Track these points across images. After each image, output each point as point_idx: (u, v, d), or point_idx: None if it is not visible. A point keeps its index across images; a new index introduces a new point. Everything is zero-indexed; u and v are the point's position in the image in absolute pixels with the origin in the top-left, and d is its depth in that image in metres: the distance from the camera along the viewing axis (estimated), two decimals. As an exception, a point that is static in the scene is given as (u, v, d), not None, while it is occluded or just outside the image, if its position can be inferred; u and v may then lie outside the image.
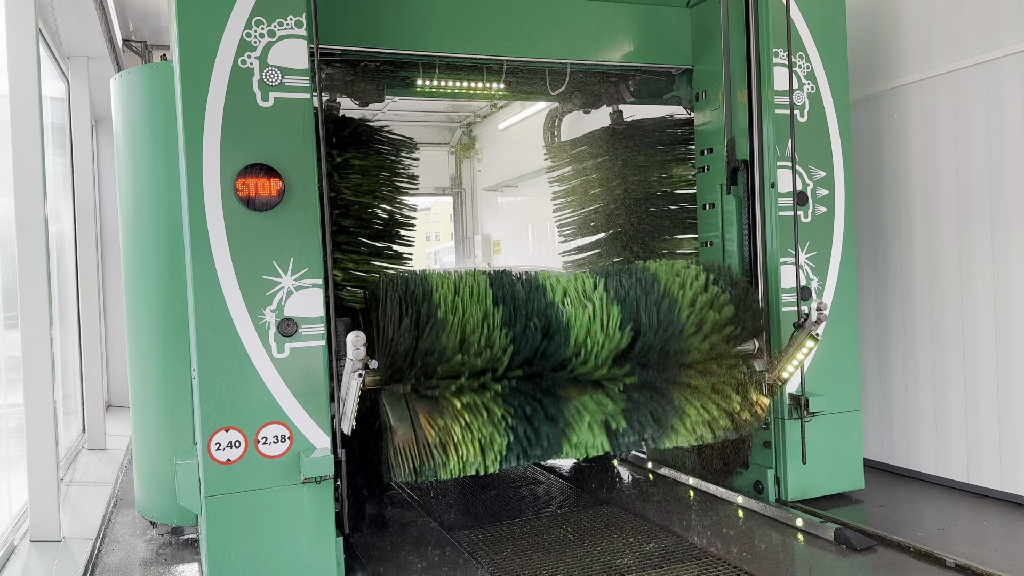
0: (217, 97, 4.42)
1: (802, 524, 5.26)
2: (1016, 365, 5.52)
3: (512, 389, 4.86)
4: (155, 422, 5.23)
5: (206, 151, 4.41)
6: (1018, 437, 5.51)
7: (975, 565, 4.49)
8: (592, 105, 7.38)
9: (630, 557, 4.92)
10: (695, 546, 5.06)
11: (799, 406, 5.58)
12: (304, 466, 4.40)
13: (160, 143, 5.08)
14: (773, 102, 5.67)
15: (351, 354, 4.15)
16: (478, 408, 4.75)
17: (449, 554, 5.11)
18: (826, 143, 5.85)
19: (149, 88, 5.18)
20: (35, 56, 5.24)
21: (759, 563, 4.73)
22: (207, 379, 4.37)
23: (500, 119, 13.96)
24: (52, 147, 7.68)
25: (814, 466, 5.69)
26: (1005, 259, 5.55)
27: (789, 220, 5.68)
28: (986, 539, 4.95)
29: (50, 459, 5.21)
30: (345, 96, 6.21)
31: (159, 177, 5.10)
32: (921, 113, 6.13)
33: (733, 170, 5.96)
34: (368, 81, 6.15)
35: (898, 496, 5.87)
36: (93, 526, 5.74)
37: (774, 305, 5.73)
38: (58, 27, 7.62)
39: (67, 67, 8.46)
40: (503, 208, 15.15)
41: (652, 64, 6.39)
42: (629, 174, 7.19)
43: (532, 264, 11.59)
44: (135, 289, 5.33)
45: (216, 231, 4.40)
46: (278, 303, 4.49)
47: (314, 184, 4.56)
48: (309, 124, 4.55)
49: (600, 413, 5.04)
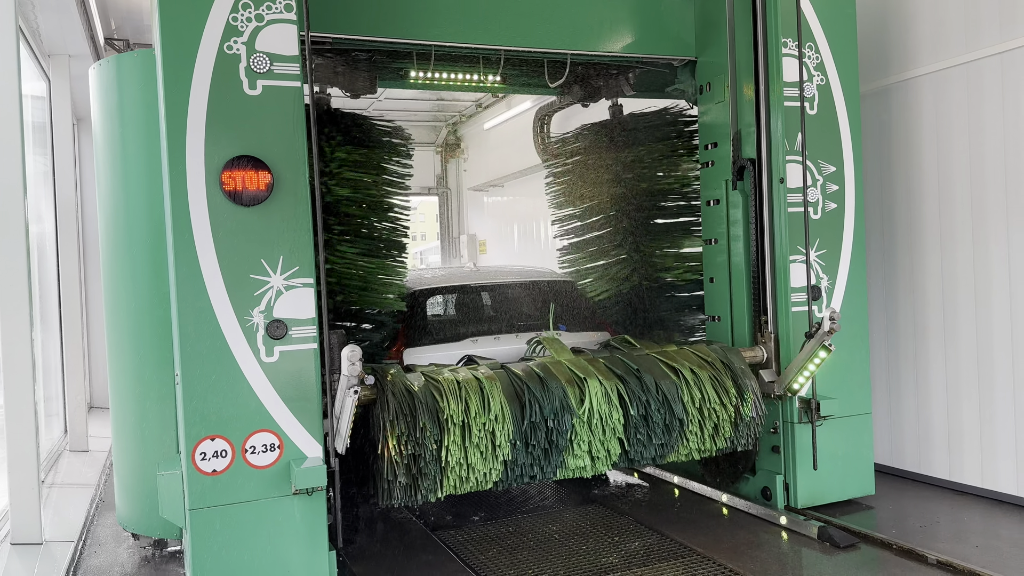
0: (201, 85, 4.16)
1: (786, 522, 5.28)
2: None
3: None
4: (136, 429, 4.96)
5: (190, 142, 4.15)
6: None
7: (956, 561, 4.48)
8: (591, 98, 7.15)
9: (615, 556, 4.92)
10: (680, 543, 5.05)
11: (809, 410, 5.38)
12: (295, 477, 4.15)
13: (142, 135, 4.80)
14: (782, 94, 5.46)
15: (346, 370, 3.90)
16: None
17: (434, 554, 5.03)
18: (836, 137, 5.64)
19: (130, 77, 4.91)
20: (15, 54, 5.15)
21: (741, 559, 4.73)
22: (191, 385, 4.11)
23: (486, 119, 13.88)
24: (33, 146, 7.60)
25: (824, 472, 5.49)
26: (1022, 258, 5.36)
27: (798, 216, 5.47)
28: (999, 542, 4.76)
29: (31, 461, 5.14)
30: (335, 87, 5.95)
31: (140, 171, 4.83)
32: (934, 106, 5.93)
33: (740, 166, 5.74)
34: (360, 71, 5.90)
35: (908, 501, 5.68)
36: (75, 528, 5.62)
37: (782, 305, 5.52)
38: (39, 25, 7.49)
39: (48, 65, 8.34)
40: (489, 208, 15.11)
41: (654, 55, 6.17)
42: (628, 169, 6.96)
43: (518, 264, 11.51)
44: (115, 289, 5.05)
45: (200, 227, 4.14)
46: (267, 304, 4.24)
47: (304, 177, 4.31)
48: (300, 114, 4.30)
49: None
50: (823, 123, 5.60)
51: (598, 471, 4.94)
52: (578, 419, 4.77)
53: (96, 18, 8.07)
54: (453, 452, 4.48)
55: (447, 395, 4.58)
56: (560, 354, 5.23)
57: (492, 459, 4.58)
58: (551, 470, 4.78)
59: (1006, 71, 5.42)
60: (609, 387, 4.92)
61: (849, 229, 5.67)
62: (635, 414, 4.91)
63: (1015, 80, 5.37)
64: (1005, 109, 5.44)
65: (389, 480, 4.40)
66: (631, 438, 4.92)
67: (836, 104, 5.65)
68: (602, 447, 4.85)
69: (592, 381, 4.89)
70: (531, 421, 4.68)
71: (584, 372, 4.96)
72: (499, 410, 4.62)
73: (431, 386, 4.66)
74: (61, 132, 8.52)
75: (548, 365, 5.04)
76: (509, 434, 4.61)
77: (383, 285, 5.74)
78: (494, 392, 4.68)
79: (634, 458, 4.98)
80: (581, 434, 4.78)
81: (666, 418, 4.98)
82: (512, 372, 4.94)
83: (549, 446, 4.73)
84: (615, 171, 7.02)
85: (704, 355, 5.36)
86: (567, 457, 4.80)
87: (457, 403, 4.56)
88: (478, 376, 4.80)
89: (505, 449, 4.60)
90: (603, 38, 5.91)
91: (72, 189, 8.66)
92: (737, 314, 5.88)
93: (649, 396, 4.96)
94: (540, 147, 8.34)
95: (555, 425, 4.71)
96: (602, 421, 4.83)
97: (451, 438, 4.48)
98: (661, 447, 5.02)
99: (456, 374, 4.82)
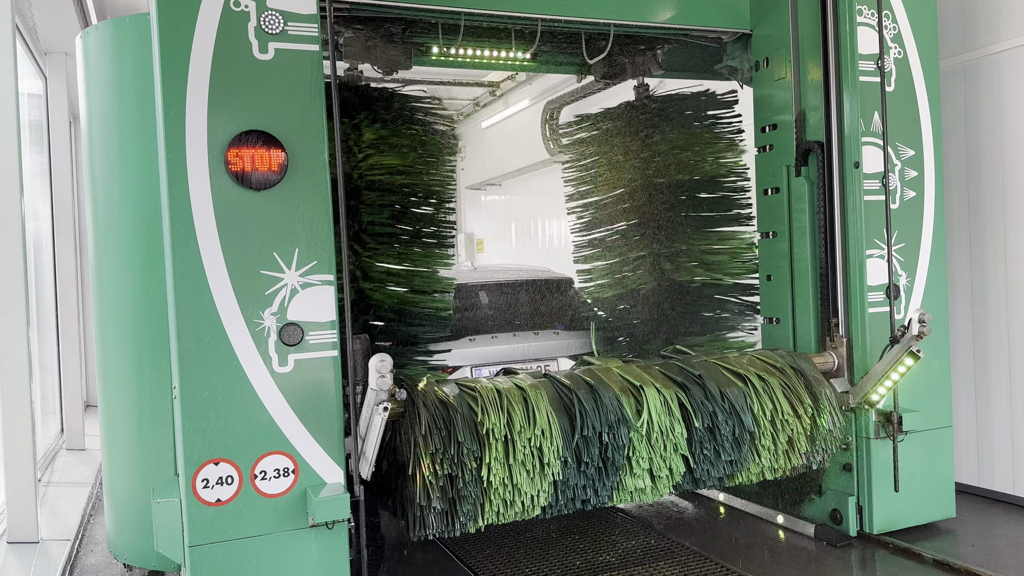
0: (203, 48, 3.56)
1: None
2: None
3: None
4: (129, 447, 4.33)
5: (190, 116, 3.55)
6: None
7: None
8: (615, 78, 6.51)
9: (612, 555, 4.81)
10: (678, 543, 4.95)
11: (890, 424, 4.77)
12: (313, 508, 3.54)
13: (135, 108, 4.17)
14: (858, 68, 4.84)
15: (375, 383, 3.30)
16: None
17: (431, 553, 4.91)
18: (915, 117, 5.03)
19: (122, 44, 4.26)
20: (11, 52, 5.17)
21: (738, 559, 4.64)
22: (191, 399, 3.51)
23: (483, 117, 13.67)
24: (29, 144, 7.56)
25: (902, 492, 4.88)
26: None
27: (875, 206, 4.86)
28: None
29: (27, 459, 5.19)
30: (368, 63, 5.36)
31: (133, 149, 4.20)
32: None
33: (805, 150, 5.13)
34: (396, 44, 5.32)
35: (996, 525, 5.07)
36: (71, 527, 5.63)
37: (856, 306, 4.91)
38: (35, 22, 7.46)
39: (44, 63, 8.33)
40: (486, 207, 14.97)
41: (703, 27, 5.55)
42: (656, 155, 6.33)
43: (516, 263, 11.38)
44: (104, 287, 4.42)
45: (202, 215, 3.54)
46: (280, 304, 3.64)
47: (324, 156, 3.70)
48: (318, 81, 3.68)
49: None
50: (901, 101, 4.98)
51: (659, 494, 4.33)
52: (636, 432, 4.17)
53: (92, 16, 7.79)
54: (496, 471, 3.88)
55: (486, 406, 3.98)
56: (608, 361, 4.63)
57: (540, 479, 3.98)
58: (606, 493, 4.18)
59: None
60: (668, 396, 4.32)
61: (929, 220, 5.06)
62: (700, 426, 4.30)
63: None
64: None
65: (422, 506, 3.79)
66: (696, 454, 4.32)
67: (915, 80, 5.04)
68: (664, 465, 4.24)
69: (649, 389, 4.29)
70: (583, 435, 4.07)
71: (639, 380, 4.36)
72: (546, 423, 4.01)
73: (467, 396, 4.06)
74: (58, 130, 8.58)
75: (597, 372, 4.43)
76: (558, 450, 4.00)
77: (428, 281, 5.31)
78: (540, 403, 4.08)
79: (700, 477, 4.38)
80: (640, 450, 4.17)
81: (735, 430, 4.37)
82: (558, 381, 4.33)
83: (604, 464, 4.13)
84: (640, 158, 6.39)
85: (770, 360, 4.75)
86: (625, 477, 4.19)
87: (498, 415, 3.95)
88: (520, 384, 4.19)
89: (555, 467, 4.00)
90: (649, 8, 5.28)
91: (69, 187, 8.67)
92: (800, 316, 5.26)
93: (715, 406, 4.35)
94: (549, 140, 7.72)
95: (611, 440, 4.10)
96: (663, 435, 4.23)
97: (493, 454, 3.88)
98: (729, 464, 4.41)
99: (495, 383, 4.22)
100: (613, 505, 4.35)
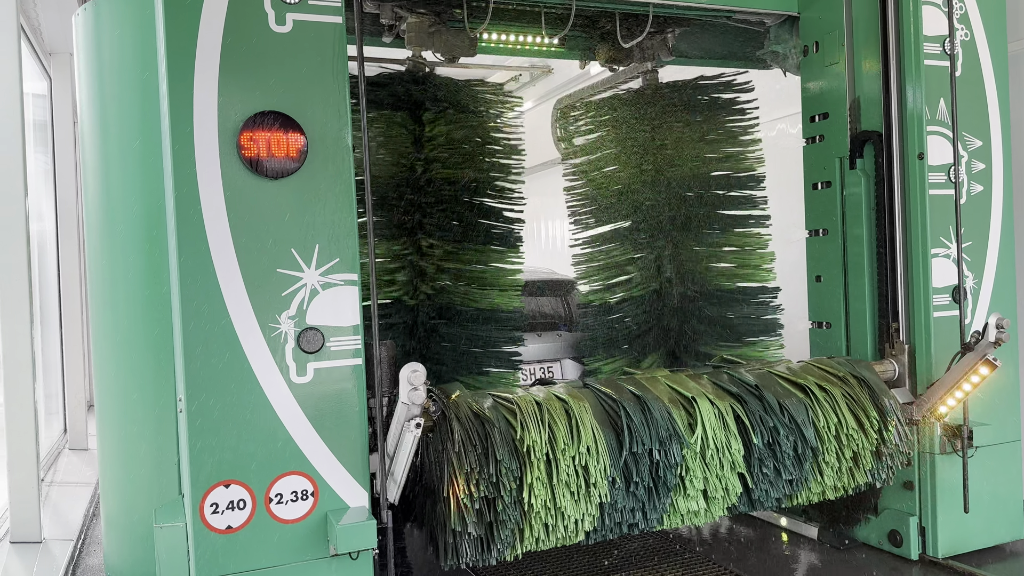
0: (214, 20, 3.19)
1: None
2: None
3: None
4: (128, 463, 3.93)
5: (198, 95, 3.18)
6: None
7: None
8: (620, 63, 6.07)
9: (615, 557, 4.76)
10: (679, 545, 4.94)
11: (959, 438, 4.38)
12: (336, 536, 3.15)
13: (137, 90, 3.77)
14: (922, 51, 4.46)
15: (406, 396, 2.92)
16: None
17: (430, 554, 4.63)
18: (982, 105, 4.65)
19: (123, 20, 3.86)
20: (16, 53, 5.22)
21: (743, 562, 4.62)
22: (199, 414, 3.13)
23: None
24: (34, 145, 7.65)
25: (969, 512, 4.49)
26: None
27: (941, 201, 4.47)
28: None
29: (31, 459, 5.24)
30: (429, 49, 5.06)
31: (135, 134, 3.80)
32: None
33: (862, 140, 4.74)
34: (459, 30, 5.02)
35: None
36: (74, 527, 5.65)
37: (919, 309, 4.52)
38: (40, 23, 7.44)
39: (49, 64, 8.33)
40: None
41: (748, 9, 5.15)
42: (667, 148, 5.92)
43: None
44: (102, 287, 4.03)
45: (212, 206, 3.17)
46: (298, 307, 3.26)
47: (348, 140, 3.32)
48: (342, 57, 3.30)
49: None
50: (968, 88, 4.60)
51: (712, 517, 3.94)
52: (689, 449, 3.78)
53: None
54: (538, 492, 3.49)
55: (526, 420, 3.59)
56: (655, 370, 4.24)
57: (586, 501, 3.59)
58: (656, 516, 3.78)
59: None
60: (724, 408, 3.93)
61: (997, 217, 4.68)
62: (758, 443, 3.91)
63: None
64: None
65: (456, 532, 3.41)
66: (755, 473, 3.93)
67: (982, 64, 4.65)
68: (720, 485, 3.85)
69: (703, 402, 3.90)
70: (631, 452, 3.68)
71: (690, 391, 3.97)
72: (591, 439, 3.62)
73: (503, 409, 3.67)
74: (62, 131, 8.56)
75: (642, 382, 4.04)
76: (606, 469, 3.61)
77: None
78: (584, 416, 3.69)
79: (758, 498, 3.99)
80: (694, 469, 3.78)
81: (797, 446, 3.98)
82: (600, 391, 3.94)
83: (654, 484, 3.74)
84: (648, 149, 5.98)
85: (830, 368, 4.36)
86: (677, 498, 3.80)
87: (539, 430, 3.56)
88: (562, 396, 3.80)
89: (602, 488, 3.61)
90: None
91: (72, 187, 8.65)
92: (855, 320, 4.87)
93: (776, 420, 3.95)
94: (559, 138, 7.33)
95: (662, 457, 3.71)
96: (718, 452, 3.84)
97: (534, 474, 3.49)
98: (790, 484, 4.02)
99: (533, 394, 3.83)
100: (662, 529, 3.94)
